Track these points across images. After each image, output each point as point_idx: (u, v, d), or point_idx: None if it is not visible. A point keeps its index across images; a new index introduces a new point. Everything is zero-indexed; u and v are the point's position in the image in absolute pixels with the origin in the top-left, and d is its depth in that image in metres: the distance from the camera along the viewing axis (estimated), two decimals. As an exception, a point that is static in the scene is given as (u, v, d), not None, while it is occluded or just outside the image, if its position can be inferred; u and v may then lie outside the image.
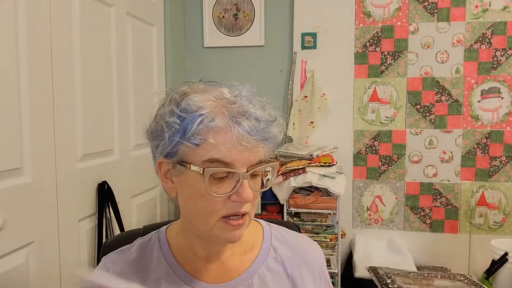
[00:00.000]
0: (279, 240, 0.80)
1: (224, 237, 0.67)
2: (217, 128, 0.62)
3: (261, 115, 0.65)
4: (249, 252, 0.77)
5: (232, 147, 0.63)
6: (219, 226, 0.66)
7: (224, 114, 0.63)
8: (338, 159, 2.26)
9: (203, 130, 0.62)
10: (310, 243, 0.83)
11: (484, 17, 2.27)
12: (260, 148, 0.65)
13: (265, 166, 0.67)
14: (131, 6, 1.89)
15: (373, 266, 2.05)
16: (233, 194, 0.64)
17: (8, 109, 1.18)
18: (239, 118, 0.63)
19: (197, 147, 0.63)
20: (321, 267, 0.80)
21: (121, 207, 1.73)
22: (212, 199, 0.64)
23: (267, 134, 0.65)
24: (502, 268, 2.07)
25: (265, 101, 0.70)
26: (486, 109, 2.31)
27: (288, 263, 0.77)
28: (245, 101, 0.66)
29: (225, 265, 0.75)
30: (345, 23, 2.39)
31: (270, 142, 0.67)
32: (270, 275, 0.75)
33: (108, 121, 1.72)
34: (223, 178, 0.64)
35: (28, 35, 1.24)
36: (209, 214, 0.65)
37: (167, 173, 0.70)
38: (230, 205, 0.65)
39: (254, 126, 0.64)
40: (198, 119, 0.62)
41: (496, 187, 2.32)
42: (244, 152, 0.63)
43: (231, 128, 0.63)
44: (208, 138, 0.62)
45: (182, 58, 2.54)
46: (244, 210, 0.66)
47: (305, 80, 2.45)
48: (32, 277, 1.27)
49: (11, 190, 1.18)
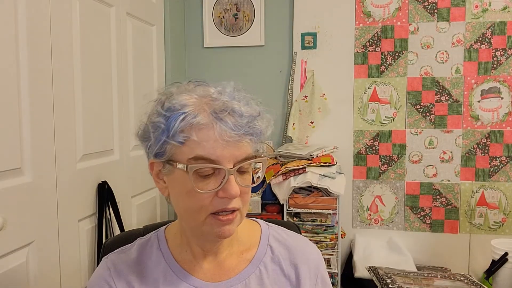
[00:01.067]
0: (277, 240, 0.80)
1: (214, 232, 0.68)
2: (199, 125, 0.63)
3: (245, 110, 0.65)
4: (246, 252, 0.77)
5: (216, 143, 0.63)
6: (208, 222, 0.67)
7: (206, 110, 0.64)
8: (338, 159, 2.26)
9: (186, 127, 0.63)
10: (307, 243, 0.83)
11: (484, 17, 2.27)
12: (245, 143, 0.65)
13: (252, 161, 0.67)
14: (131, 6, 1.89)
15: (373, 266, 2.05)
16: (220, 191, 0.64)
17: (8, 109, 1.18)
18: (221, 114, 0.63)
19: (182, 145, 0.64)
20: (318, 267, 0.80)
21: (121, 207, 1.73)
22: (199, 196, 0.64)
23: (251, 129, 0.65)
24: (502, 268, 2.08)
25: (249, 96, 0.69)
26: (486, 109, 2.31)
27: (285, 263, 0.77)
28: (227, 97, 0.66)
29: (222, 265, 0.75)
30: (345, 23, 2.39)
31: (255, 137, 0.67)
32: (267, 275, 0.76)
33: (108, 121, 1.72)
34: (209, 175, 0.65)
35: (28, 35, 1.24)
36: (198, 211, 0.66)
37: (159, 173, 0.71)
38: (218, 202, 0.65)
39: (236, 121, 0.64)
40: (181, 117, 0.63)
41: (496, 187, 2.32)
42: (228, 148, 0.63)
43: (213, 124, 0.63)
44: (191, 135, 0.63)
45: (182, 58, 2.54)
46: (233, 206, 0.66)
47: (305, 80, 2.45)
48: (32, 277, 1.27)
49: (11, 190, 1.18)
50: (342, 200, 2.14)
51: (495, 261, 2.10)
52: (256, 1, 2.46)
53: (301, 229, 1.55)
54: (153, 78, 2.16)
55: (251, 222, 0.83)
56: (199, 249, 0.74)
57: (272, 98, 2.50)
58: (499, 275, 2.10)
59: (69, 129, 1.45)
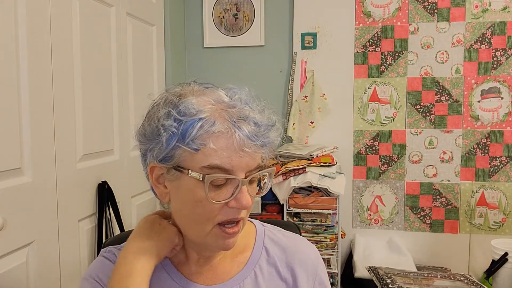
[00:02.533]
0: (272, 241, 0.78)
1: (217, 244, 0.66)
2: (218, 133, 0.60)
3: (260, 119, 0.63)
4: (241, 254, 0.76)
5: (233, 152, 0.61)
6: (214, 234, 0.65)
7: (224, 118, 0.61)
8: (338, 159, 2.26)
9: (204, 135, 0.60)
10: (305, 244, 0.80)
11: (484, 17, 2.27)
12: (260, 153, 0.64)
13: (263, 171, 0.66)
14: (131, 6, 1.89)
15: (373, 266, 2.05)
16: (231, 201, 0.63)
17: (8, 109, 1.18)
18: (240, 123, 0.61)
19: (196, 152, 0.61)
20: (316, 268, 0.77)
21: (121, 207, 1.74)
22: (210, 206, 0.62)
23: (266, 140, 0.63)
24: (502, 268, 2.08)
25: (264, 105, 0.67)
26: (486, 109, 2.31)
27: (281, 265, 0.75)
28: (245, 105, 0.63)
29: (216, 268, 0.74)
30: (345, 23, 2.39)
31: (268, 147, 0.65)
32: (263, 277, 0.74)
33: (108, 121, 1.72)
34: (222, 184, 0.62)
35: (28, 35, 1.24)
36: (205, 221, 0.64)
37: (160, 177, 0.68)
38: (227, 212, 0.64)
39: (254, 131, 0.62)
40: (198, 124, 0.60)
41: (496, 187, 2.32)
42: (244, 158, 0.61)
43: (232, 133, 0.60)
44: (209, 143, 0.60)
45: (182, 58, 2.54)
46: (242, 216, 0.65)
47: (305, 80, 2.45)
48: (32, 277, 1.27)
49: (11, 190, 1.18)
50: (342, 200, 2.14)
51: (495, 261, 2.11)
52: (256, 1, 2.46)
53: (301, 229, 1.55)
54: (153, 78, 2.16)
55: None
56: (194, 254, 0.73)
57: (272, 98, 2.50)
58: (499, 275, 2.10)
59: (69, 129, 1.45)
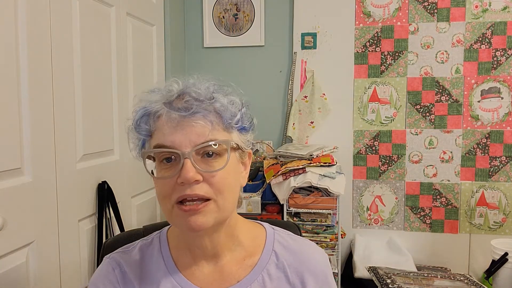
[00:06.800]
0: (282, 245, 0.76)
1: (183, 225, 0.65)
2: (158, 115, 0.66)
3: (196, 95, 0.65)
4: (249, 257, 0.74)
5: (173, 129, 0.64)
6: (176, 214, 0.65)
7: (162, 101, 0.66)
8: (338, 159, 2.26)
9: (147, 119, 0.67)
10: (315, 249, 0.79)
11: (484, 17, 2.27)
12: (199, 125, 0.63)
13: (206, 144, 0.63)
14: (131, 6, 1.89)
15: (373, 266, 2.05)
16: (179, 177, 0.63)
17: (8, 109, 1.18)
18: (174, 102, 0.65)
19: (151, 138, 0.67)
20: (326, 275, 0.76)
21: (121, 207, 1.73)
22: (161, 183, 0.65)
23: (203, 111, 0.64)
24: (502, 268, 2.08)
25: (207, 79, 0.69)
26: (486, 109, 2.31)
27: (290, 270, 0.74)
28: (183, 86, 0.67)
29: (223, 270, 0.72)
30: (345, 23, 2.39)
31: (212, 118, 0.64)
32: (271, 282, 0.72)
33: (108, 121, 1.72)
34: (170, 163, 0.65)
35: (28, 35, 1.24)
36: (163, 199, 0.66)
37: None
38: (180, 189, 0.64)
39: (186, 104, 0.64)
40: (140, 111, 0.67)
41: (496, 187, 2.32)
42: (180, 131, 0.64)
43: (168, 111, 0.65)
44: (153, 127, 0.66)
45: (182, 58, 2.54)
46: (196, 192, 0.63)
47: (305, 80, 2.45)
48: (32, 277, 1.27)
49: (11, 190, 1.18)
50: (342, 200, 2.14)
51: (495, 261, 2.10)
52: (256, 1, 2.46)
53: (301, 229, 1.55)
54: (153, 78, 2.16)
55: (255, 225, 0.80)
56: (197, 249, 0.72)
57: (272, 98, 2.50)
58: (499, 275, 2.10)
59: (69, 129, 1.45)
